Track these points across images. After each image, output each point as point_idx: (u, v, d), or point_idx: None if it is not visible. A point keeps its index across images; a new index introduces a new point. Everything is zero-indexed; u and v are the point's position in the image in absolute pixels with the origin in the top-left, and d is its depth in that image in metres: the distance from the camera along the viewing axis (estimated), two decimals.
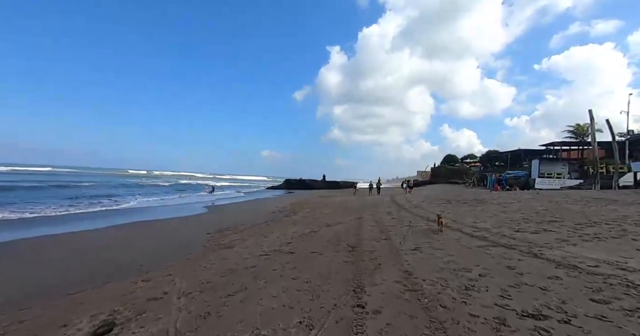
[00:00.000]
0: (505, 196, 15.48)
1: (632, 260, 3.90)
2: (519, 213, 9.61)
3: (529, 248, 4.80)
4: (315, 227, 8.31)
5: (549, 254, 4.33)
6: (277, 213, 12.85)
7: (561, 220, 7.77)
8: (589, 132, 36.25)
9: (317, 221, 9.61)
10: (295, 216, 11.36)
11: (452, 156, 61.35)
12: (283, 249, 5.47)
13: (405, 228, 7.70)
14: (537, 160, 33.33)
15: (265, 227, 8.75)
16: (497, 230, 6.69)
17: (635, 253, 4.27)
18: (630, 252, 4.30)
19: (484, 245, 5.21)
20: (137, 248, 6.57)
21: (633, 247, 4.61)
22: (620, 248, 4.59)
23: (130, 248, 6.51)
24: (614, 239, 5.28)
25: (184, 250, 5.99)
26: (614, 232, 5.95)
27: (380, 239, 6.25)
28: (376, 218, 9.81)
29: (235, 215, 13.06)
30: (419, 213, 10.61)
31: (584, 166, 32.53)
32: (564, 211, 9.35)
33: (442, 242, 5.65)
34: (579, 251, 4.51)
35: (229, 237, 7.00)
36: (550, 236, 5.81)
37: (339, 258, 4.72)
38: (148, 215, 12.10)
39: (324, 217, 10.53)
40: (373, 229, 7.72)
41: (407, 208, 12.47)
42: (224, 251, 5.44)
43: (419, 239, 6.09)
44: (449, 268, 3.86)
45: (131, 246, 6.74)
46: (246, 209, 15.94)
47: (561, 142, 35.41)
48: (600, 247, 4.71)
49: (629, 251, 4.38)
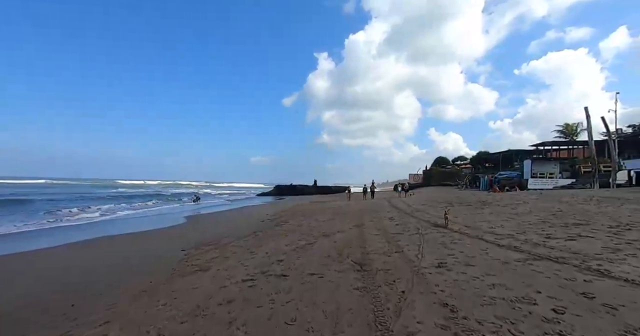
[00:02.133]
0: (508, 197, 14.76)
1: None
2: (532, 215, 8.77)
3: (583, 261, 3.83)
4: (311, 238, 7.19)
5: (618, 271, 3.36)
6: (267, 222, 11.64)
7: (587, 222, 6.93)
8: (578, 131, 36.79)
9: (312, 230, 8.49)
10: (287, 225, 10.20)
11: (443, 158, 61.33)
12: (273, 270, 4.33)
13: (414, 236, 6.68)
14: (530, 160, 33.25)
15: (253, 239, 7.56)
16: (524, 237, 5.74)
17: None
18: None
19: (522, 258, 4.22)
20: (81, 275, 5.17)
21: None
22: None
23: (71, 276, 5.07)
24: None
25: (144, 275, 4.66)
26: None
27: (391, 252, 5.19)
28: (378, 225, 8.77)
29: (220, 225, 11.77)
30: (424, 218, 9.65)
31: (575, 165, 32.68)
32: (581, 212, 8.57)
33: (467, 254, 4.64)
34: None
35: (207, 254, 5.79)
36: (592, 244, 4.89)
37: (346, 283, 3.63)
38: (116, 228, 10.66)
39: (320, 225, 9.41)
40: (378, 239, 6.67)
41: (409, 212, 11.50)
42: (197, 275, 4.24)
43: (437, 250, 5.07)
44: (501, 297, 2.83)
45: (72, 273, 5.35)
46: (233, 218, 14.64)
47: (551, 142, 35.56)
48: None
49: None
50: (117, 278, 4.78)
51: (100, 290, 4.25)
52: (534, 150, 38.27)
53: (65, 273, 5.30)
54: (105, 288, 4.31)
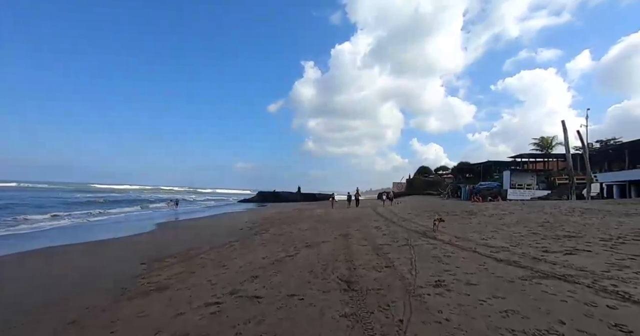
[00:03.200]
0: (492, 207, 14.74)
1: None
2: (521, 226, 8.57)
3: (594, 281, 3.45)
4: (292, 249, 6.54)
5: (637, 293, 2.97)
6: (245, 230, 10.83)
7: (578, 235, 6.73)
8: (553, 145, 38.41)
9: (294, 240, 7.83)
10: (267, 234, 9.46)
11: (426, 168, 62.41)
12: (245, 290, 3.66)
13: (404, 247, 6.19)
14: (509, 171, 34.21)
15: (227, 250, 6.79)
16: (520, 250, 5.39)
17: None
18: None
19: (526, 275, 3.79)
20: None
21: None
22: None
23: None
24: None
25: (82, 298, 3.74)
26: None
27: (381, 267, 4.64)
28: (365, 235, 8.24)
29: (193, 234, 10.83)
30: (411, 228, 9.23)
31: (550, 177, 33.93)
32: (569, 224, 8.45)
33: (466, 270, 4.18)
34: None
35: (171, 268, 4.98)
36: (593, 259, 4.57)
37: (332, 307, 3.03)
38: (69, 237, 9.43)
39: (303, 235, 8.76)
40: (365, 250, 6.12)
41: (395, 221, 11.08)
42: (150, 298, 3.47)
43: (431, 265, 4.58)
44: (521, 329, 2.33)
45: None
46: (209, 226, 13.66)
47: (528, 154, 36.84)
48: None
49: None
50: (42, 303, 3.70)
51: (7, 322, 3.19)
52: (512, 161, 39.52)
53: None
54: (17, 319, 3.25)
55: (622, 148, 24.58)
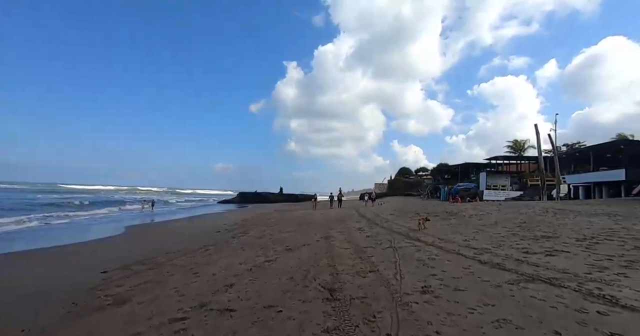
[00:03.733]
0: (471, 208, 15.08)
1: None
2: (500, 226, 8.71)
3: (579, 283, 3.40)
4: (272, 253, 6.20)
5: (623, 297, 2.93)
6: (223, 233, 10.32)
7: (554, 235, 6.88)
8: (526, 147, 40.32)
9: (274, 243, 7.48)
10: (246, 236, 9.03)
11: (407, 169, 63.64)
12: (217, 302, 3.30)
13: (388, 250, 6.04)
14: (485, 172, 35.52)
15: (201, 255, 6.33)
16: (502, 252, 5.37)
17: None
18: None
19: (512, 279, 3.71)
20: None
21: None
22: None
23: None
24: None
25: (21, 317, 3.12)
26: (636, 252, 5.01)
27: (365, 272, 4.43)
28: (348, 237, 8.04)
29: (166, 237, 10.18)
30: (394, 229, 9.15)
31: (523, 179, 35.57)
32: (544, 224, 8.68)
33: (452, 274, 4.05)
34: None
35: (135, 277, 4.49)
36: (573, 260, 4.60)
37: (313, 320, 2.76)
38: (21, 243, 8.55)
39: (284, 237, 8.43)
40: (348, 254, 5.90)
41: (378, 223, 10.99)
42: (105, 314, 3.02)
43: (417, 270, 4.42)
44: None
45: None
46: (184, 228, 12.98)
47: (503, 157, 38.42)
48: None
49: None
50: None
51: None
52: (488, 163, 41.07)
53: None
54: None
55: (587, 151, 26.13)
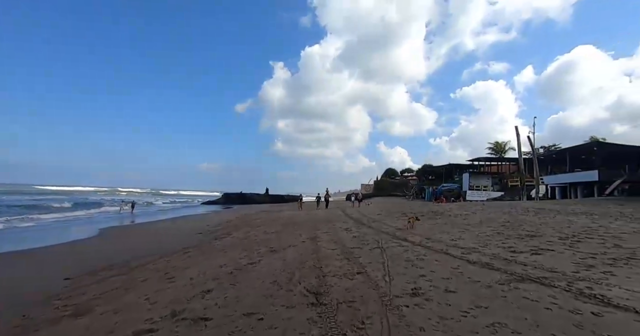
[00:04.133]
0: (456, 208, 15.28)
1: None
2: (485, 226, 8.78)
3: (568, 283, 3.35)
4: (256, 255, 5.92)
5: (615, 296, 2.89)
6: (205, 234, 9.90)
7: (537, 233, 6.96)
8: (506, 149, 41.67)
9: (258, 244, 7.19)
10: (229, 238, 8.68)
11: (393, 170, 64.40)
12: (192, 310, 3.02)
13: (375, 250, 5.89)
14: (468, 173, 36.38)
15: (180, 258, 5.97)
16: (490, 251, 5.34)
17: None
18: None
19: (503, 279, 3.63)
20: None
21: None
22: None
23: None
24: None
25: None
26: (616, 249, 5.10)
27: (352, 274, 4.24)
28: (334, 238, 7.85)
29: (144, 239, 9.66)
30: (382, 229, 9.04)
31: (503, 179, 36.70)
32: (527, 223, 8.82)
33: (441, 275, 3.93)
34: (629, 285, 3.23)
35: (101, 284, 4.08)
36: (559, 259, 4.61)
37: (297, 328, 2.54)
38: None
39: (268, 238, 8.15)
40: (335, 254, 5.71)
41: (365, 223, 10.88)
42: (59, 328, 2.63)
43: (405, 270, 4.28)
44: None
45: None
46: (164, 230, 12.41)
47: (485, 158, 39.51)
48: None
49: None
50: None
51: None
52: (470, 164, 42.13)
53: None
54: None
55: (563, 153, 27.23)
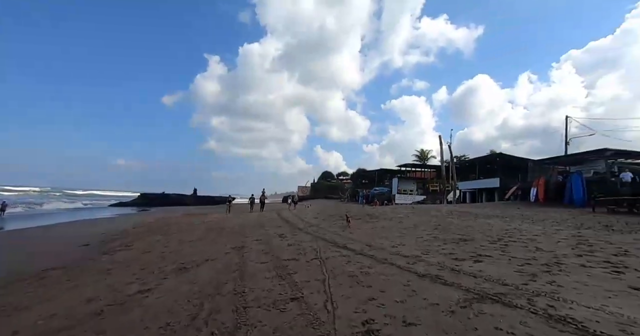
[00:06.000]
0: (390, 211, 15.68)
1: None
2: (420, 229, 8.81)
3: (529, 301, 2.97)
4: (155, 277, 4.40)
5: (584, 319, 2.54)
6: (94, 246, 7.58)
7: (469, 237, 7.08)
8: (429, 157, 46.48)
9: (164, 259, 5.58)
10: (126, 250, 6.71)
11: (329, 173, 65.95)
12: None
13: (314, 262, 5.00)
14: (397, 178, 39.23)
15: (29, 287, 4.02)
16: (434, 259, 4.97)
17: None
18: None
19: (460, 298, 3.10)
20: None
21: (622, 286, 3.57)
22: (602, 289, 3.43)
23: None
24: (572, 267, 4.33)
25: None
26: (540, 253, 5.27)
27: (285, 301, 3.23)
28: (266, 247, 6.72)
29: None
30: (320, 235, 8.26)
31: (426, 184, 40.73)
32: (455, 226, 9.18)
33: (393, 295, 3.23)
34: (584, 300, 3.02)
35: None
36: (501, 267, 4.42)
37: None
38: None
39: (182, 250, 6.52)
40: (265, 270, 4.61)
41: (302, 228, 9.98)
42: None
43: (351, 290, 3.47)
44: None
45: None
46: (32, 240, 9.31)
47: (411, 164, 43.31)
48: (591, 289, 3.45)
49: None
50: None
51: None
52: (399, 170, 45.69)
53: None
54: None
55: (473, 162, 31.43)
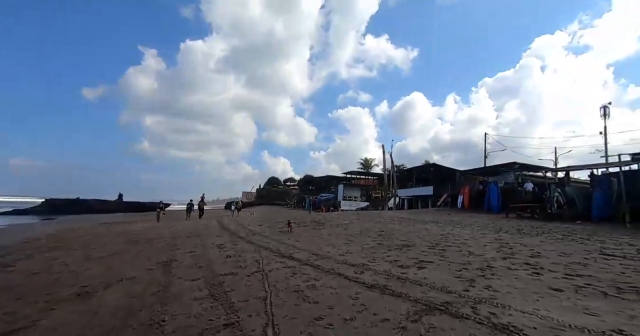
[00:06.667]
0: (336, 217, 15.74)
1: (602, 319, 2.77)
2: (365, 236, 8.87)
3: (472, 309, 2.98)
4: (36, 308, 3.35)
5: (524, 326, 2.59)
6: None
7: (411, 243, 7.33)
8: (372, 165, 49.02)
9: (58, 283, 4.40)
10: (1, 274, 5.17)
11: (276, 179, 64.69)
12: None
13: (255, 276, 4.47)
14: (342, 185, 40.28)
15: None
16: (380, 267, 4.88)
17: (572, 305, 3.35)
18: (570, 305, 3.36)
19: (410, 310, 2.97)
20: None
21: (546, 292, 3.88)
22: (530, 294, 3.70)
23: None
24: (506, 272, 4.64)
25: None
26: (473, 257, 5.64)
27: (216, 327, 2.68)
28: (201, 260, 5.89)
29: None
30: (264, 244, 7.66)
31: (369, 191, 42.73)
32: (397, 232, 9.50)
33: (342, 313, 2.94)
34: (519, 304, 3.17)
35: None
36: (442, 273, 4.54)
37: None
38: None
39: (87, 268, 5.30)
40: (196, 289, 3.92)
41: (243, 236, 9.21)
42: None
43: (295, 309, 3.08)
44: None
45: None
46: None
47: (357, 172, 45.08)
48: (521, 293, 3.67)
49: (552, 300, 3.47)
50: None
51: None
52: (344, 177, 47.14)
53: None
54: None
55: (411, 171, 34.10)
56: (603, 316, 2.68)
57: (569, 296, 3.24)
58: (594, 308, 2.89)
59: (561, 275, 4.14)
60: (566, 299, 3.17)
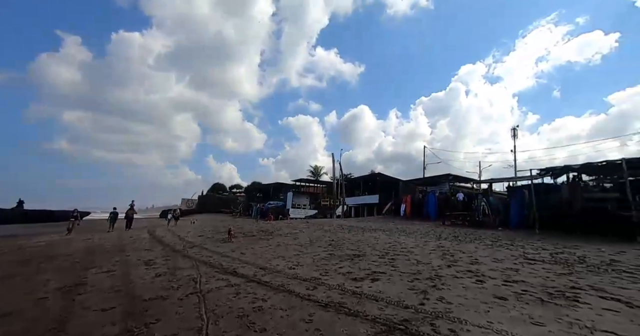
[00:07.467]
0: (285, 226, 15.16)
1: None
2: (315, 246, 8.56)
3: (431, 326, 2.86)
4: None
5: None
6: None
7: (362, 253, 7.24)
8: (322, 173, 49.53)
9: None
10: None
11: (221, 185, 60.96)
12: None
13: (190, 299, 3.76)
14: (291, 192, 39.71)
15: None
16: (334, 281, 4.59)
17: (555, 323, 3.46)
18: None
19: (370, 332, 2.70)
20: None
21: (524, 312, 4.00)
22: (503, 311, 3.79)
23: None
24: (456, 282, 4.73)
25: None
26: (422, 266, 5.74)
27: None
28: (120, 281, 4.84)
29: None
30: (204, 258, 6.75)
31: (318, 200, 42.96)
32: (347, 241, 9.41)
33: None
34: (473, 318, 3.16)
35: None
36: (396, 286, 4.44)
37: None
38: None
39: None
40: (108, 323, 3.08)
41: (179, 249, 8.08)
42: None
43: None
44: None
45: None
46: None
47: (306, 179, 44.99)
48: (472, 303, 3.72)
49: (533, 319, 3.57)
50: None
51: None
52: (293, 184, 46.66)
53: None
54: None
55: (358, 180, 35.34)
56: (548, 325, 2.78)
57: (514, 305, 3.36)
58: (537, 317, 3.01)
59: (501, 282, 4.38)
60: (512, 308, 3.27)
